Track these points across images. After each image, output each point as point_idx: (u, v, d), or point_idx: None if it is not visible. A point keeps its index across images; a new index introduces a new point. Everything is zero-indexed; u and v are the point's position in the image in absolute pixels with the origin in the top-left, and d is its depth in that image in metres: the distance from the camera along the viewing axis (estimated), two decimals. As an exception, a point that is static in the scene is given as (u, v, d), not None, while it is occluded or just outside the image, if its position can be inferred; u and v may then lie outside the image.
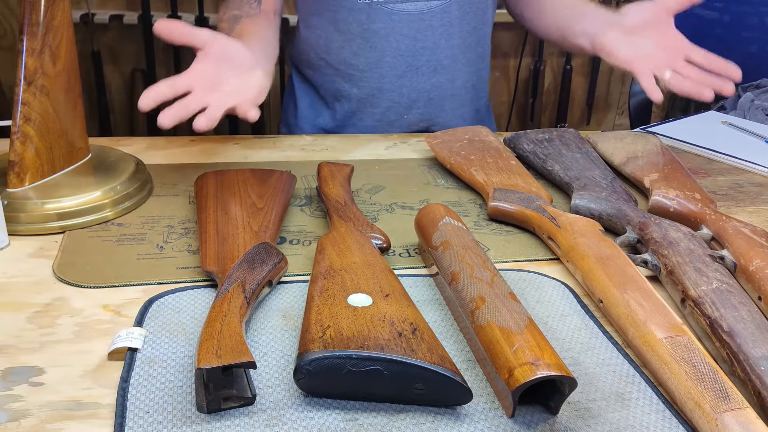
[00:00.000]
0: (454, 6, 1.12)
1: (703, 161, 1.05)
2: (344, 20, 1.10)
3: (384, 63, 1.13)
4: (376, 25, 1.10)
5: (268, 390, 0.50)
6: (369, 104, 1.16)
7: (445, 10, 1.11)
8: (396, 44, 1.11)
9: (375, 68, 1.13)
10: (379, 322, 0.51)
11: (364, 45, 1.11)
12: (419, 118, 1.18)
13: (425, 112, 1.18)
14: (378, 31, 1.10)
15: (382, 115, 1.17)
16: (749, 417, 0.46)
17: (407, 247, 0.73)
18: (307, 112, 1.21)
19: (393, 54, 1.12)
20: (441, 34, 1.13)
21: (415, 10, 1.10)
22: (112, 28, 2.14)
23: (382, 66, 1.13)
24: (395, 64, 1.13)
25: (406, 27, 1.10)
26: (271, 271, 0.60)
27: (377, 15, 1.09)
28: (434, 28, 1.12)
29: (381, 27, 1.10)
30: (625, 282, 0.61)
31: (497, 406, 0.50)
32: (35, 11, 0.71)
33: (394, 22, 1.10)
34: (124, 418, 0.46)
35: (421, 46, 1.13)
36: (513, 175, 0.84)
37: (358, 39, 1.11)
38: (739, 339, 0.54)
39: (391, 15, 1.09)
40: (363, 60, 1.13)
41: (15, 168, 0.74)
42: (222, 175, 0.78)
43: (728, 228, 0.72)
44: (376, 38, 1.10)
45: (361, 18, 1.09)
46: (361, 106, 1.17)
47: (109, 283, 0.63)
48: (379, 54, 1.12)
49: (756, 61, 1.82)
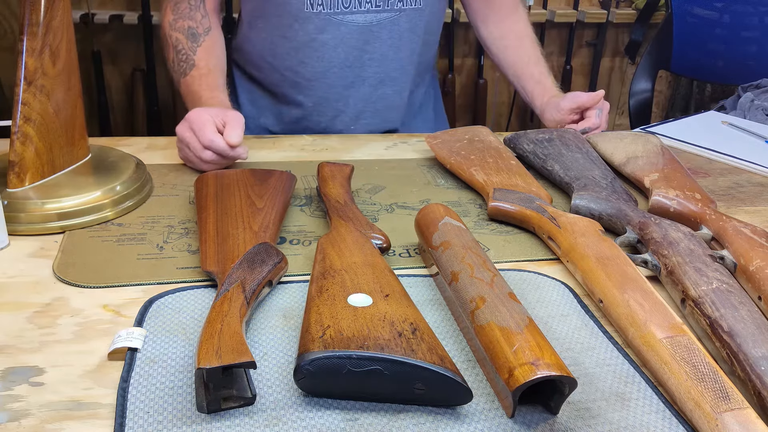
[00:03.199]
0: (402, 18, 1.11)
1: (703, 161, 1.05)
2: (291, 27, 1.08)
3: (331, 74, 1.12)
4: (324, 36, 1.08)
5: (268, 390, 0.50)
6: (315, 113, 1.15)
7: (393, 22, 1.10)
8: (344, 55, 1.10)
9: (322, 78, 1.12)
10: (379, 322, 0.51)
11: (311, 55, 1.10)
12: (366, 129, 1.17)
13: (372, 122, 1.18)
14: (326, 42, 1.09)
15: (328, 124, 1.16)
16: (749, 417, 0.46)
17: (407, 247, 0.73)
18: (248, 109, 1.20)
19: (340, 65, 1.11)
20: (389, 46, 1.12)
21: (364, 21, 1.08)
22: (112, 28, 2.14)
23: (329, 77, 1.12)
24: (343, 75, 1.12)
25: (355, 38, 1.09)
26: (271, 271, 0.60)
27: (326, 25, 1.07)
28: (383, 40, 1.11)
29: (329, 38, 1.08)
30: (625, 282, 0.61)
31: (497, 406, 0.50)
32: (35, 11, 0.71)
33: (343, 33, 1.08)
34: (124, 418, 0.46)
35: (368, 58, 1.12)
36: (513, 175, 0.84)
37: (305, 48, 1.09)
38: (739, 339, 0.54)
39: (340, 26, 1.08)
40: (310, 69, 1.11)
41: (15, 168, 0.74)
42: (222, 175, 0.78)
43: (728, 228, 0.72)
44: (324, 49, 1.09)
45: (309, 28, 1.08)
46: (306, 113, 1.16)
47: (109, 283, 0.63)
48: (326, 64, 1.11)
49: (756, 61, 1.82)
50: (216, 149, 0.84)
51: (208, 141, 0.84)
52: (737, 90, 1.51)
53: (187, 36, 1.03)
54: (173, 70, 1.05)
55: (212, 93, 0.98)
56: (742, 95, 1.45)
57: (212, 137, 0.84)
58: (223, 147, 0.84)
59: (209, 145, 0.84)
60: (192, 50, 1.03)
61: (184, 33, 1.04)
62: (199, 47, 1.03)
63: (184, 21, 1.04)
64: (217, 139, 0.84)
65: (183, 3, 1.05)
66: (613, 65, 2.63)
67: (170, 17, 1.06)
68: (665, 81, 2.62)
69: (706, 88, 2.50)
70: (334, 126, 1.17)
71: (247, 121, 1.18)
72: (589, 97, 1.06)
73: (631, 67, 2.53)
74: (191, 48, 1.03)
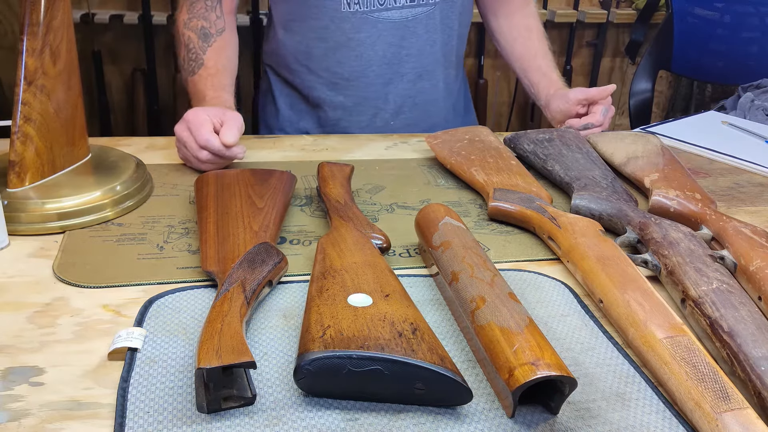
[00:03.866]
0: (437, 12, 1.11)
1: (703, 161, 1.05)
2: (327, 28, 1.08)
3: (370, 72, 1.12)
4: (361, 35, 1.09)
5: (268, 390, 0.50)
6: (355, 112, 1.16)
7: (429, 16, 1.11)
8: (382, 53, 1.11)
9: (360, 77, 1.12)
10: (380, 322, 0.51)
11: (348, 54, 1.10)
12: (405, 123, 1.18)
13: (410, 117, 1.18)
14: (363, 41, 1.09)
15: (368, 122, 1.17)
16: (749, 417, 0.46)
17: (407, 247, 0.73)
18: (288, 114, 1.20)
19: (378, 62, 1.12)
20: (425, 41, 1.13)
21: (399, 17, 1.09)
22: (113, 28, 2.14)
23: (368, 75, 1.12)
24: (381, 72, 1.12)
25: (391, 35, 1.10)
26: (271, 271, 0.60)
27: (362, 24, 1.08)
28: (418, 35, 1.11)
29: (366, 36, 1.09)
30: (626, 282, 0.61)
31: (497, 406, 0.50)
32: (35, 11, 0.71)
33: (380, 31, 1.09)
34: (124, 418, 0.46)
35: (405, 53, 1.12)
36: (513, 175, 0.84)
37: (342, 48, 1.10)
38: (740, 339, 0.54)
39: (377, 23, 1.08)
40: (348, 69, 1.12)
41: (15, 168, 0.74)
42: (222, 175, 0.78)
43: (728, 228, 0.72)
44: (362, 47, 1.10)
45: (345, 27, 1.08)
46: (346, 114, 1.16)
47: (109, 283, 0.63)
48: (364, 63, 1.11)
49: (756, 61, 1.82)
50: (212, 149, 0.85)
51: (203, 141, 0.84)
52: (737, 90, 1.51)
53: (199, 35, 1.04)
54: (182, 68, 1.06)
55: (216, 93, 0.99)
56: (742, 95, 1.45)
57: (208, 137, 0.84)
58: (219, 147, 0.84)
59: (205, 145, 0.85)
60: (202, 50, 1.03)
61: (196, 32, 1.04)
62: (210, 47, 1.04)
63: (198, 20, 1.05)
64: (213, 139, 0.84)
65: (199, 3, 1.06)
66: (614, 65, 2.63)
67: (185, 16, 1.06)
68: (665, 81, 2.62)
69: (707, 88, 2.50)
70: (374, 123, 1.17)
71: (287, 125, 1.20)
72: (599, 90, 1.06)
73: (631, 67, 2.53)
74: (202, 48, 1.03)
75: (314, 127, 1.19)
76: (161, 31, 2.16)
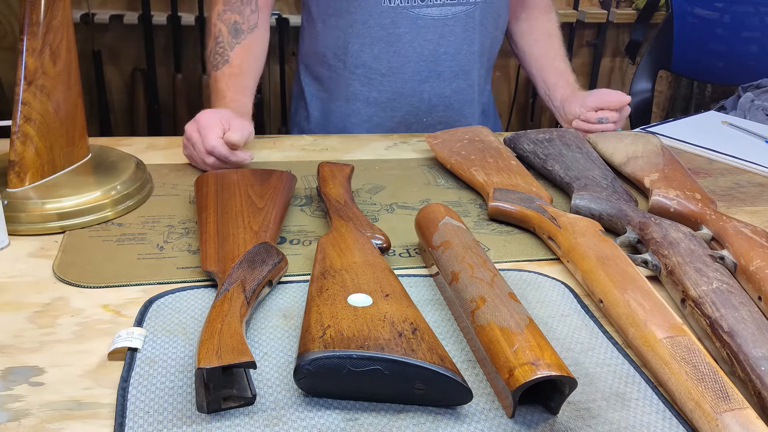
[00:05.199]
0: (476, 12, 1.11)
1: (703, 161, 1.05)
2: (365, 23, 1.08)
3: (407, 68, 1.12)
4: (401, 30, 1.08)
5: (268, 390, 0.50)
6: (389, 108, 1.16)
7: (469, 15, 1.11)
8: (420, 49, 1.10)
9: (397, 73, 1.12)
10: (380, 322, 0.51)
11: (387, 49, 1.10)
12: (438, 120, 1.18)
13: (444, 115, 1.18)
14: (402, 36, 1.09)
15: (402, 119, 1.17)
16: (749, 417, 0.46)
17: (407, 247, 0.73)
18: (318, 117, 1.21)
19: (416, 59, 1.11)
20: (463, 40, 1.13)
21: (439, 14, 1.09)
22: (113, 28, 2.14)
23: (405, 71, 1.12)
24: (418, 69, 1.12)
25: (430, 32, 1.10)
26: (271, 271, 0.60)
27: (402, 19, 1.08)
28: (456, 34, 1.11)
29: (405, 32, 1.09)
30: (626, 282, 0.61)
31: (497, 406, 0.50)
32: (35, 11, 0.71)
33: (419, 27, 1.09)
34: (124, 418, 0.46)
35: (443, 52, 1.12)
36: (513, 175, 0.84)
37: (380, 43, 1.10)
38: (740, 339, 0.54)
39: (416, 20, 1.08)
40: (385, 64, 1.11)
41: (15, 168, 0.74)
42: (222, 175, 0.78)
43: (728, 228, 0.72)
44: (400, 43, 1.09)
45: (385, 22, 1.08)
46: (379, 110, 1.16)
47: (109, 283, 0.63)
48: (402, 59, 1.11)
49: (756, 61, 1.82)
50: (218, 155, 0.86)
51: (210, 147, 0.85)
52: (737, 90, 1.51)
53: (230, 30, 1.04)
54: (208, 60, 1.06)
55: (236, 95, 0.99)
56: (742, 95, 1.45)
57: (214, 143, 0.85)
58: (225, 153, 0.85)
59: (211, 151, 0.86)
60: (230, 46, 1.03)
61: (228, 26, 1.04)
62: (239, 44, 1.04)
63: (232, 14, 1.05)
64: (219, 146, 0.85)
65: None
66: (614, 65, 2.63)
67: (220, 7, 1.06)
68: (665, 81, 2.62)
69: (707, 88, 2.50)
70: (406, 120, 1.17)
71: (317, 128, 1.19)
72: (618, 99, 1.06)
73: (631, 67, 2.53)
74: (230, 44, 1.03)
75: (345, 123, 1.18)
76: (161, 31, 2.16)
